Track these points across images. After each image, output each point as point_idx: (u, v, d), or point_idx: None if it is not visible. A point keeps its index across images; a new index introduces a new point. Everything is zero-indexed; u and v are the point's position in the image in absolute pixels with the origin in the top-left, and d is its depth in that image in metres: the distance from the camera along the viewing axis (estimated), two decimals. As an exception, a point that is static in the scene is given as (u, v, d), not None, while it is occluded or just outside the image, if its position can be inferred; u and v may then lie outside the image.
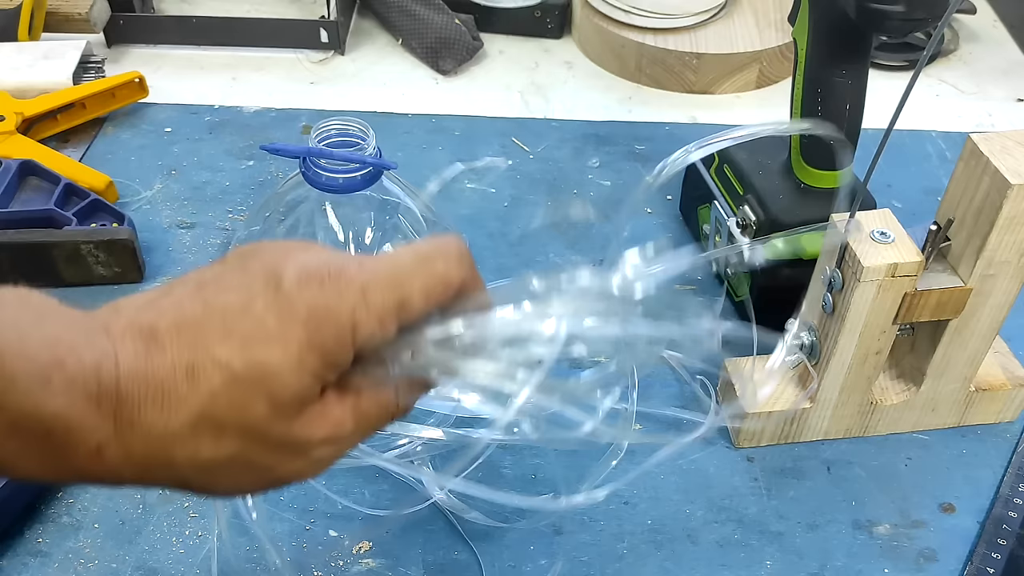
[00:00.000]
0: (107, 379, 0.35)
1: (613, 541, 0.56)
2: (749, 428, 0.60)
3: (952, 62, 1.00)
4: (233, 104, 0.88)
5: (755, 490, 0.59)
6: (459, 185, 0.81)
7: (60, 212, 0.69)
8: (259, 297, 0.37)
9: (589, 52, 0.97)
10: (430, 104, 0.90)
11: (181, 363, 0.36)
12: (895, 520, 0.58)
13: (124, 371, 0.35)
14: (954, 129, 0.90)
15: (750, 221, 0.65)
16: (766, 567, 0.55)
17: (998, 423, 0.64)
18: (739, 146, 0.69)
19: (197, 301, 0.37)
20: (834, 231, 0.54)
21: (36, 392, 0.34)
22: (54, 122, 0.82)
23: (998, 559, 0.56)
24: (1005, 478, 0.60)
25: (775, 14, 0.95)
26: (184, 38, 0.94)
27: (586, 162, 0.84)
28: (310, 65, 0.94)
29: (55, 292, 0.69)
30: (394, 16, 0.95)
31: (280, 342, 0.36)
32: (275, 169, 0.81)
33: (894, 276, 0.52)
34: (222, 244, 0.74)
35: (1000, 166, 0.49)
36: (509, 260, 0.73)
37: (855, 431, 0.62)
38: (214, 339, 0.36)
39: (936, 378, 0.60)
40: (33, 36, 0.89)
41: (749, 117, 0.89)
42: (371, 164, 0.66)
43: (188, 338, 0.36)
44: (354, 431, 0.39)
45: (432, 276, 0.39)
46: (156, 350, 0.36)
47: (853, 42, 0.59)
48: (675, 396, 0.64)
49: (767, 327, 0.67)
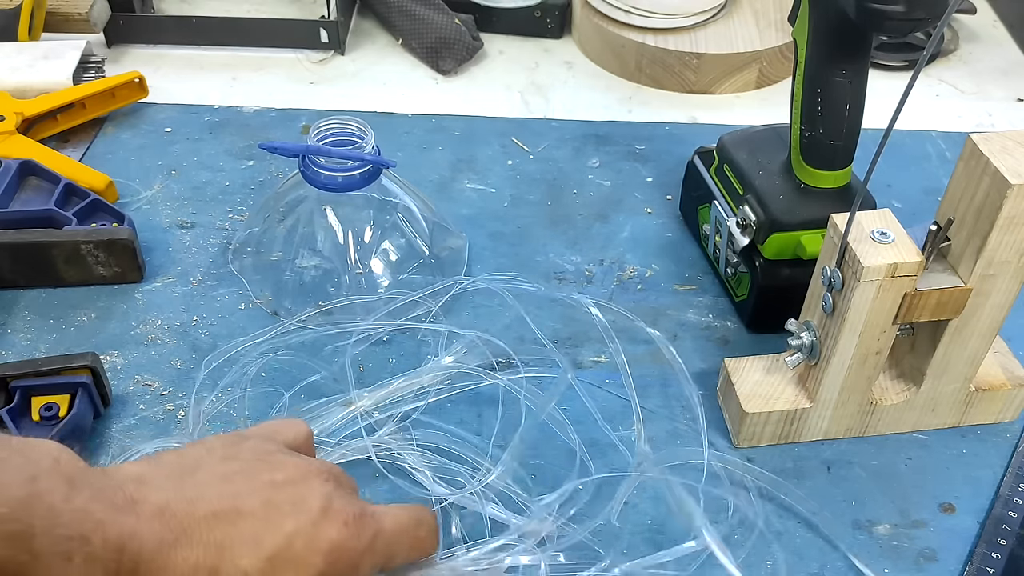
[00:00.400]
0: (129, 559, 0.37)
1: (613, 541, 0.56)
2: (748, 429, 0.60)
3: (952, 62, 1.00)
4: (233, 104, 0.88)
5: (755, 490, 0.59)
6: (459, 185, 0.81)
7: (60, 212, 0.69)
8: (290, 518, 0.41)
9: (589, 52, 0.97)
10: (430, 104, 0.90)
11: (206, 563, 0.39)
12: (895, 520, 0.58)
13: (147, 555, 0.38)
14: (954, 129, 0.90)
15: (750, 221, 0.65)
16: (766, 567, 0.55)
17: (998, 423, 0.64)
18: (739, 146, 0.69)
19: (227, 496, 0.41)
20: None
21: (56, 569, 0.35)
22: (54, 122, 0.82)
23: (998, 559, 0.56)
24: (1005, 478, 0.60)
25: (775, 14, 0.95)
26: (184, 38, 0.94)
27: (586, 162, 0.84)
28: (310, 65, 0.94)
29: (55, 292, 0.70)
30: (394, 16, 0.95)
31: (301, 568, 0.40)
32: (275, 169, 0.81)
33: (894, 276, 0.52)
34: (222, 244, 0.74)
35: (1000, 166, 0.49)
36: (509, 260, 0.73)
37: (855, 431, 0.62)
38: (243, 549, 0.40)
39: (936, 378, 0.60)
40: (33, 36, 0.89)
41: (749, 117, 0.89)
42: (369, 162, 0.66)
43: (218, 539, 0.39)
44: None
45: (417, 541, 0.47)
46: (185, 543, 0.39)
47: (853, 42, 0.59)
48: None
49: (767, 327, 0.68)
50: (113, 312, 0.68)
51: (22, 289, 0.69)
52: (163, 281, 0.71)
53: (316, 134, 0.66)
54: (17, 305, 0.68)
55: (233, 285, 0.71)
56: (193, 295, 0.70)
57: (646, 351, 0.67)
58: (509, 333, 0.67)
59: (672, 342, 0.68)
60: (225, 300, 0.69)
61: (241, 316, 0.68)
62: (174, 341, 0.66)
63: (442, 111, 0.89)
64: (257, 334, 0.65)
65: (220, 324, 0.67)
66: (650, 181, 0.82)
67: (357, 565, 0.43)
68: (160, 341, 0.66)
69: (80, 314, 0.68)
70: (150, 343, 0.66)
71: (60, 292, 0.69)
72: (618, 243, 0.76)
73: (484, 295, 0.70)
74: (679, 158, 0.81)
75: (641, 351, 0.67)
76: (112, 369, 0.64)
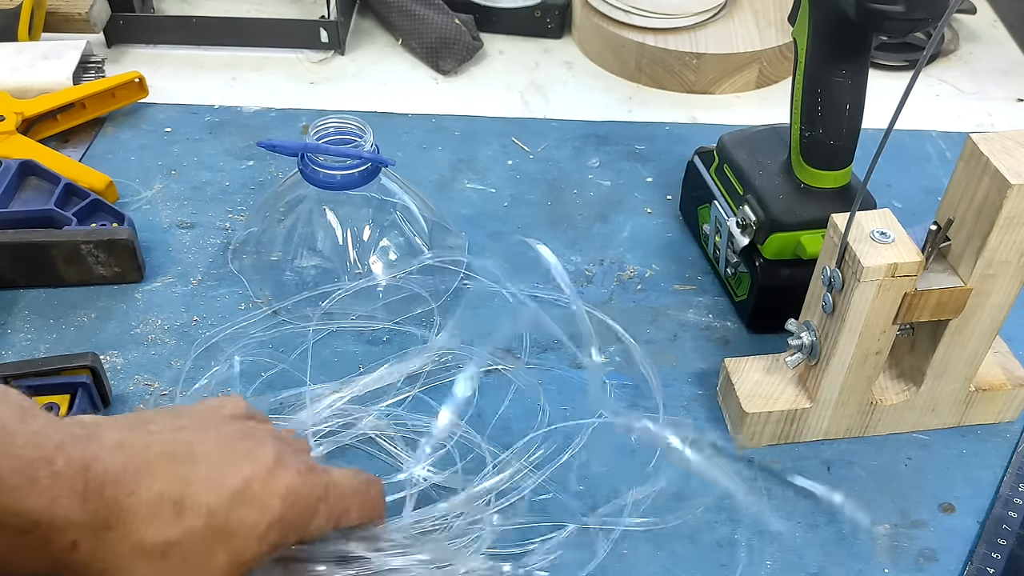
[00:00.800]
0: (95, 480, 0.37)
1: (613, 541, 0.56)
2: (748, 429, 0.60)
3: (952, 62, 1.00)
4: (233, 104, 0.88)
5: (755, 490, 0.59)
6: (459, 185, 0.81)
7: (60, 212, 0.69)
8: (246, 463, 0.42)
9: (589, 52, 0.97)
10: (430, 104, 0.90)
11: (171, 494, 0.39)
12: (895, 520, 0.58)
13: (113, 476, 0.38)
14: (954, 129, 0.90)
15: (750, 221, 0.65)
16: (766, 567, 0.55)
17: (998, 423, 0.64)
18: (739, 146, 0.69)
19: (181, 442, 0.42)
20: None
21: (22, 490, 0.36)
22: (54, 122, 0.82)
23: (998, 559, 0.56)
24: (1005, 478, 0.60)
25: (775, 14, 0.95)
26: (184, 38, 0.94)
27: (586, 162, 0.84)
28: (310, 65, 0.94)
29: (55, 292, 0.70)
30: (394, 16, 0.95)
31: (262, 510, 0.41)
32: (275, 169, 0.81)
33: (894, 276, 0.52)
34: (222, 244, 0.74)
35: (1000, 166, 0.49)
36: (509, 260, 0.73)
37: (855, 431, 0.62)
38: (204, 486, 0.40)
39: (936, 378, 0.60)
40: (33, 36, 0.89)
41: (749, 117, 0.89)
42: (368, 160, 0.66)
43: (181, 473, 0.40)
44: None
45: (369, 499, 0.48)
46: (147, 473, 0.39)
47: (853, 42, 0.59)
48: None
49: (767, 327, 0.68)
50: (113, 312, 0.68)
51: (22, 289, 0.69)
52: (163, 281, 0.71)
53: (315, 133, 0.66)
54: (17, 305, 0.68)
55: (233, 285, 0.71)
56: (193, 295, 0.70)
57: (646, 351, 0.67)
58: (510, 333, 0.67)
59: (672, 342, 0.68)
60: (225, 300, 0.69)
61: (241, 316, 0.68)
62: (174, 341, 0.66)
63: (442, 111, 0.89)
64: (255, 332, 0.65)
65: (220, 324, 0.67)
66: (650, 181, 0.82)
67: (314, 512, 0.43)
68: (160, 341, 0.66)
69: (80, 314, 0.68)
70: (150, 343, 0.66)
71: (60, 292, 0.69)
72: (618, 243, 0.76)
73: (484, 295, 0.70)
74: (679, 158, 0.81)
75: (642, 351, 0.67)
76: (112, 369, 0.64)
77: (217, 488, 0.41)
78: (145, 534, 0.39)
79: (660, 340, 0.68)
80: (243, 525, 0.41)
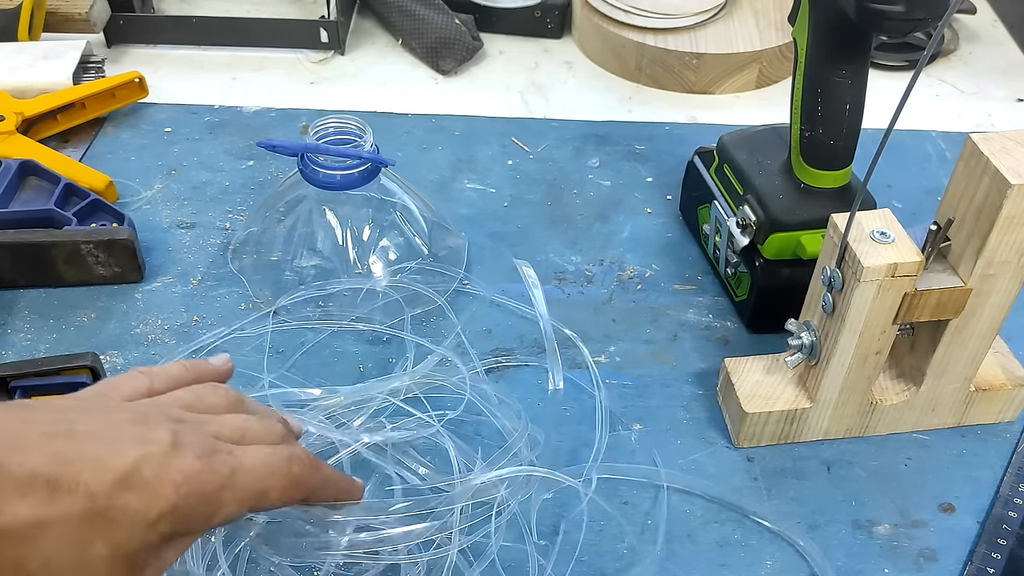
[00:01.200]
0: None
1: (613, 541, 0.56)
2: (748, 429, 0.60)
3: (952, 62, 1.00)
4: (233, 104, 0.88)
5: (755, 490, 0.59)
6: (459, 185, 0.81)
7: (60, 212, 0.69)
8: (136, 445, 0.38)
9: (589, 52, 0.97)
10: (430, 104, 0.90)
11: (45, 472, 0.36)
12: (895, 520, 0.58)
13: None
14: (954, 129, 0.90)
15: (750, 221, 0.65)
16: (766, 567, 0.55)
17: (998, 423, 0.64)
18: (739, 146, 0.69)
19: (63, 421, 0.38)
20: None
21: None
22: (54, 122, 0.82)
23: (998, 559, 0.56)
24: (1005, 478, 0.60)
25: (775, 14, 0.95)
26: (184, 38, 0.94)
27: (586, 162, 0.84)
28: (310, 65, 0.94)
29: (55, 292, 0.70)
30: (394, 16, 0.95)
31: (152, 498, 0.37)
32: (275, 169, 0.81)
33: (894, 276, 0.52)
34: (222, 244, 0.74)
35: (1000, 166, 0.49)
36: (509, 260, 0.73)
37: (855, 431, 0.62)
38: (85, 465, 0.36)
39: (936, 378, 0.60)
40: (33, 36, 0.89)
41: (749, 117, 0.89)
42: (367, 159, 0.66)
43: (58, 450, 0.36)
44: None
45: (293, 478, 0.43)
46: (18, 449, 0.36)
47: (853, 42, 0.59)
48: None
49: (767, 327, 0.68)
50: (113, 312, 0.68)
51: (22, 289, 0.69)
52: (163, 281, 0.71)
53: (315, 133, 0.66)
54: (17, 305, 0.68)
55: (233, 285, 0.71)
56: (193, 295, 0.70)
57: (646, 351, 0.67)
58: (510, 332, 0.67)
59: (672, 342, 0.68)
60: (225, 300, 0.69)
61: (241, 316, 0.68)
62: (174, 341, 0.66)
63: (442, 111, 0.89)
64: (253, 331, 0.66)
65: (220, 324, 0.67)
66: (650, 181, 0.82)
67: (217, 501, 0.39)
68: (160, 341, 0.66)
69: (80, 314, 0.68)
70: (150, 343, 0.66)
71: (60, 292, 0.69)
72: (618, 243, 0.76)
73: (484, 296, 0.70)
74: (679, 158, 0.81)
75: (642, 351, 0.67)
76: (112, 369, 0.64)
77: (101, 470, 0.36)
78: (13, 513, 0.35)
79: (660, 340, 0.68)
80: (127, 512, 0.37)
